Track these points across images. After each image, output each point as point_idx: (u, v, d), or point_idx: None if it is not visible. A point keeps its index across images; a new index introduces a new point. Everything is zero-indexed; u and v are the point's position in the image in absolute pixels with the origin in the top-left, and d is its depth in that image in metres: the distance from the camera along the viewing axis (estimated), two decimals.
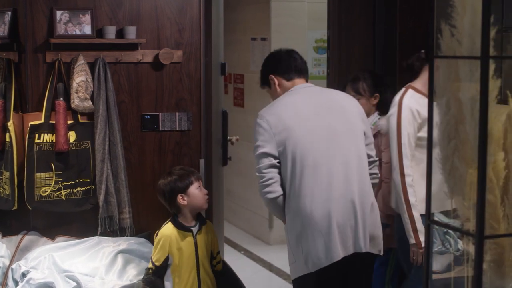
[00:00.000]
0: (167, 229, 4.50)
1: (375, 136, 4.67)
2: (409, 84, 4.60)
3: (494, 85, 3.32)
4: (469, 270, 3.63)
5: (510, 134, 3.52)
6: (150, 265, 4.48)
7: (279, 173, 4.06)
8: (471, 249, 3.62)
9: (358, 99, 4.66)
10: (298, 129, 4.06)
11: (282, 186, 4.06)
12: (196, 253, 4.49)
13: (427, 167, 3.35)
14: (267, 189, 4.04)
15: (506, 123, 3.55)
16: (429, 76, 3.61)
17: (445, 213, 4.04)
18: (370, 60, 5.64)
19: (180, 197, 4.51)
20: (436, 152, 3.46)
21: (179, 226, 4.50)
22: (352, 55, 5.69)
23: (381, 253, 4.19)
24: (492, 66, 3.31)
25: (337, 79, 5.48)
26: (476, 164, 3.31)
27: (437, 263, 4.56)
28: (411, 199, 4.39)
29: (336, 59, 5.68)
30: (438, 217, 4.19)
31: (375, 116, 5.00)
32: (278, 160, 4.06)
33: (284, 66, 4.30)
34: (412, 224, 4.39)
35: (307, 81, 4.33)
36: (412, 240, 4.41)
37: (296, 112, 4.13)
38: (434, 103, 3.41)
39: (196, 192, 4.51)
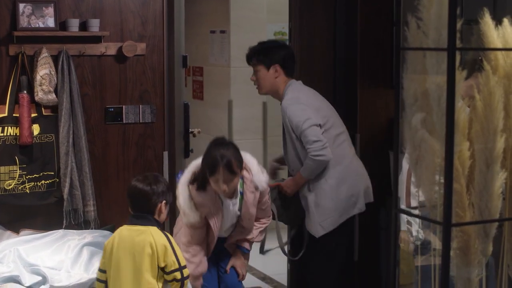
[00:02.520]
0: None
1: None
2: None
3: (460, 76, 3.38)
4: (436, 259, 3.70)
5: (475, 124, 3.59)
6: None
7: None
8: (437, 237, 3.69)
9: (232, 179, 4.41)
10: (323, 110, 4.89)
11: None
12: None
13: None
14: (325, 151, 4.71)
15: (471, 114, 3.63)
16: (395, 68, 3.67)
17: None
18: (332, 52, 5.69)
19: (164, 204, 4.09)
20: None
21: None
22: (313, 47, 5.73)
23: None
24: (457, 58, 3.38)
25: (298, 72, 5.51)
26: (443, 154, 3.38)
27: None
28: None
29: (297, 51, 5.71)
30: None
31: None
32: (323, 130, 4.78)
33: (291, 63, 5.00)
34: None
35: None
36: None
37: (314, 99, 4.96)
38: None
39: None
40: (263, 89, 4.98)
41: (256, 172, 4.42)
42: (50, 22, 4.87)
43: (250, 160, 4.46)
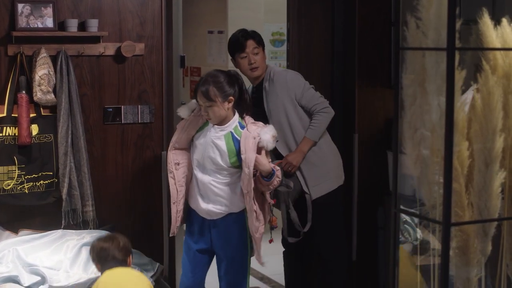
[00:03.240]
0: None
1: None
2: None
3: (459, 76, 3.39)
4: (435, 258, 3.71)
5: (474, 124, 3.59)
6: None
7: None
8: (437, 237, 3.70)
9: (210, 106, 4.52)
10: None
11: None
12: None
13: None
14: (329, 106, 5.03)
15: (470, 113, 3.64)
16: (394, 67, 3.68)
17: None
18: (330, 52, 5.70)
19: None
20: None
21: None
22: (311, 47, 5.75)
23: None
24: (457, 58, 3.38)
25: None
26: (442, 153, 3.38)
27: None
28: None
29: (295, 52, 5.73)
30: None
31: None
32: None
33: None
34: None
35: None
36: None
37: None
38: None
39: None
40: (261, 69, 5.08)
41: (264, 131, 4.52)
42: (49, 22, 4.87)
43: (265, 125, 4.63)
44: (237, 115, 4.56)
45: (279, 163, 4.86)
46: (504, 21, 3.75)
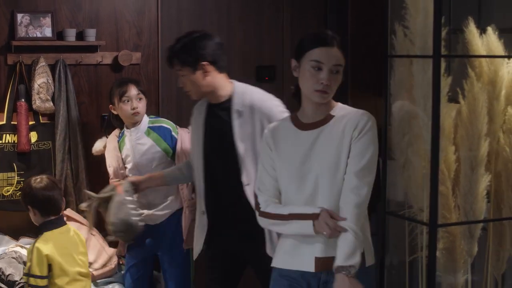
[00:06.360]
0: None
1: None
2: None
3: (445, 82, 3.51)
4: (423, 259, 3.81)
5: (460, 129, 3.71)
6: None
7: None
8: (424, 238, 3.81)
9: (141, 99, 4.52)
10: None
11: None
12: None
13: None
14: None
15: (457, 119, 3.75)
16: (384, 75, 3.79)
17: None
18: None
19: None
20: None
21: None
22: None
23: None
24: (443, 65, 3.50)
25: (289, 82, 5.61)
26: (429, 157, 3.49)
27: None
28: None
29: (289, 61, 5.81)
30: None
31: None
32: None
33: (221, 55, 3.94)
34: None
35: None
36: None
37: None
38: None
39: None
40: (196, 94, 3.91)
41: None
42: (48, 32, 4.97)
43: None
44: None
45: None
46: (490, 29, 3.87)
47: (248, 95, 3.84)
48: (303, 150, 3.09)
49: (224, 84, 3.86)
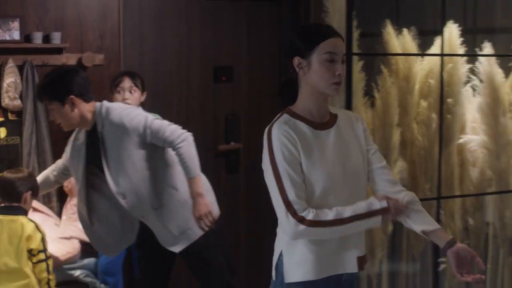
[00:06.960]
0: None
1: None
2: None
3: (359, 77, 3.88)
4: None
5: (375, 120, 4.06)
6: None
7: None
8: None
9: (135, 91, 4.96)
10: None
11: None
12: None
13: None
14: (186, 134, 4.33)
15: (373, 111, 4.12)
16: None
17: None
18: (277, 66, 6.08)
19: (30, 195, 4.54)
20: None
21: None
22: (261, 70, 6.11)
23: None
24: (360, 63, 3.88)
25: (247, 96, 5.92)
26: None
27: None
28: None
29: (245, 75, 6.06)
30: None
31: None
32: None
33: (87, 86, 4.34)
34: None
35: None
36: None
37: None
38: None
39: None
40: (67, 126, 4.29)
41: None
42: (16, 35, 5.25)
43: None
44: None
45: None
46: (405, 31, 4.24)
47: (104, 114, 4.21)
48: (330, 151, 2.96)
49: (91, 112, 4.22)
